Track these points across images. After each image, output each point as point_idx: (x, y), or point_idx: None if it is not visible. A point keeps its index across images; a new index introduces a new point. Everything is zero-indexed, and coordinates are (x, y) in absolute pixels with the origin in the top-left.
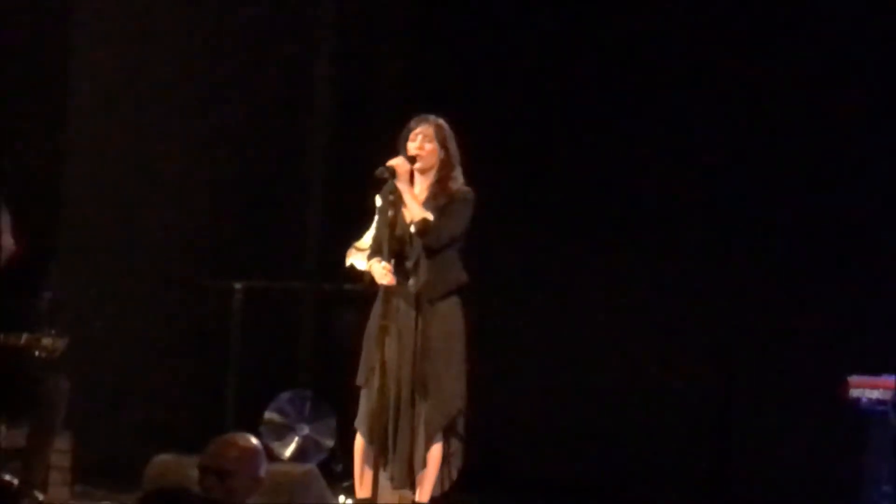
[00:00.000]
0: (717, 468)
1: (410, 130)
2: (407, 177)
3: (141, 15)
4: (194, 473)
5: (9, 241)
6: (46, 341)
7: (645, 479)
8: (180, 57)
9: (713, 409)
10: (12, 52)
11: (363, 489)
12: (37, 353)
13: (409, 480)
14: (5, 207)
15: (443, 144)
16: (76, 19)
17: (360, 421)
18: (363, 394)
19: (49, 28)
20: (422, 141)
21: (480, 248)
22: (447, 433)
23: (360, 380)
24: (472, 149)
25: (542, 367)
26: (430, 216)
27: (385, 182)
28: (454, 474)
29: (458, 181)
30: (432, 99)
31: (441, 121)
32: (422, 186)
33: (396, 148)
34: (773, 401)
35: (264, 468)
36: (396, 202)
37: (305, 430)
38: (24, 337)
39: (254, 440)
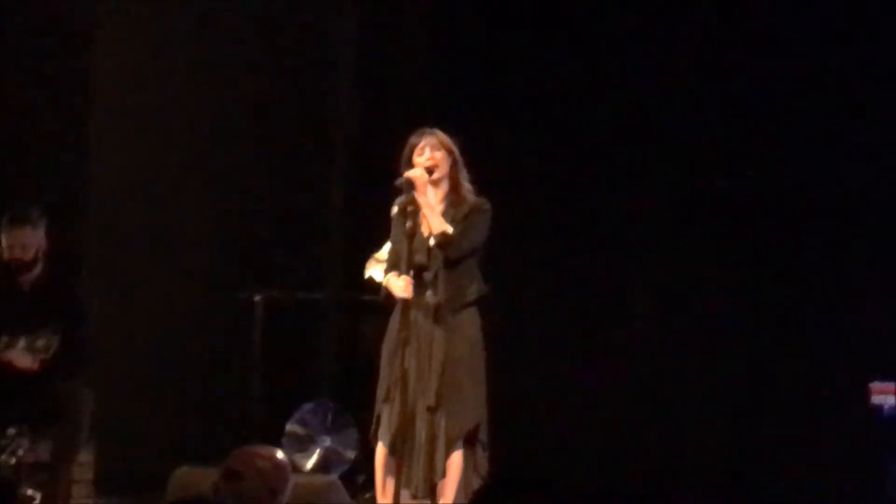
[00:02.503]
0: (738, 474)
1: (414, 147)
2: (425, 189)
3: (163, 32)
4: None
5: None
6: (41, 343)
7: (667, 484)
8: (201, 69)
9: (734, 415)
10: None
11: (384, 499)
12: (34, 355)
13: (430, 490)
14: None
15: (449, 151)
16: (99, 40)
17: (382, 432)
18: (383, 406)
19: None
20: (431, 151)
21: (497, 256)
22: (469, 442)
23: (380, 395)
24: (493, 156)
25: (564, 374)
26: (450, 229)
27: (399, 193)
28: (477, 483)
29: (468, 186)
30: (454, 111)
31: (438, 131)
32: (437, 198)
33: (399, 170)
34: (794, 406)
35: (285, 479)
36: (414, 214)
37: (327, 441)
38: (22, 341)
39: (278, 453)
